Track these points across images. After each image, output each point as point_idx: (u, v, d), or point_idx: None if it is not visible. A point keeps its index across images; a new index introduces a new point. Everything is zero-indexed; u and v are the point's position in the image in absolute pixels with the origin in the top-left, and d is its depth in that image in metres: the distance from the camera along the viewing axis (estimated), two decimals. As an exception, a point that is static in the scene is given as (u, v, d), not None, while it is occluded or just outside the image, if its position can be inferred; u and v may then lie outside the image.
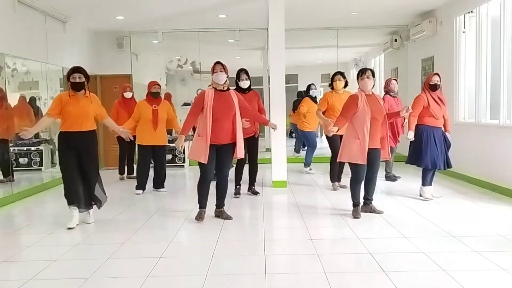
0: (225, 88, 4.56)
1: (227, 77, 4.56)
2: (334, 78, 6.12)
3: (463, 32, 6.88)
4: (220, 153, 4.52)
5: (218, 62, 4.55)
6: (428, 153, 5.26)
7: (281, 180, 6.46)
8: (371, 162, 4.64)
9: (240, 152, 4.55)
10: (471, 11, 6.63)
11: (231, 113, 4.49)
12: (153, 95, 6.13)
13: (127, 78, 8.79)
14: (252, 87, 5.75)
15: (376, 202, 5.35)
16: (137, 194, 6.18)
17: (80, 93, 4.44)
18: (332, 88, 6.15)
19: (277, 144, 6.49)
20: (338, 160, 4.86)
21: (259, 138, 6.07)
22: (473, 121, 6.54)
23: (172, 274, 3.28)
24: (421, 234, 4.05)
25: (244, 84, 5.59)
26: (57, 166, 7.67)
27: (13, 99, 6.53)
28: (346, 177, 5.50)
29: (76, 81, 4.40)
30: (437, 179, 6.94)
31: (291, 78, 11.34)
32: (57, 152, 4.75)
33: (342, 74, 6.16)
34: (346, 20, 8.56)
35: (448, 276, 3.03)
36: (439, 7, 7.49)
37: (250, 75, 5.68)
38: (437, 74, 5.31)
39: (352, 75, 12.34)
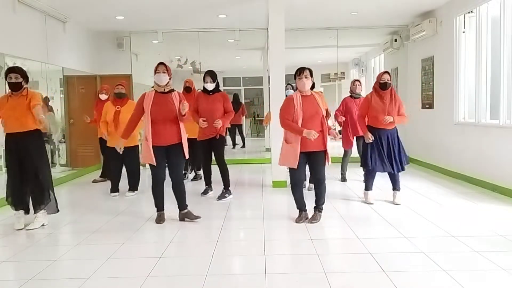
0: (166, 90, 4.49)
1: (170, 78, 4.49)
2: None
3: (463, 32, 6.88)
4: (169, 154, 4.50)
5: (161, 63, 4.50)
6: (368, 156, 5.12)
7: (281, 180, 6.46)
8: (313, 168, 4.49)
9: (185, 152, 4.50)
10: (471, 11, 6.63)
11: (171, 114, 4.43)
12: (117, 96, 6.06)
13: (127, 78, 8.78)
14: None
15: (376, 202, 5.36)
16: (114, 196, 6.07)
17: (18, 93, 4.34)
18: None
19: (277, 144, 6.48)
20: (278, 164, 4.67)
21: (260, 138, 6.09)
22: (473, 121, 6.54)
23: (172, 274, 3.28)
24: (421, 234, 4.05)
25: (208, 86, 5.66)
26: (57, 166, 7.78)
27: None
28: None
29: (12, 81, 4.30)
30: (437, 178, 6.96)
31: (291, 78, 11.35)
32: (56, 152, 4.75)
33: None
34: (346, 20, 8.56)
35: (448, 276, 3.03)
36: (439, 7, 7.49)
37: (217, 77, 5.75)
38: (387, 72, 5.15)
39: (352, 75, 12.36)
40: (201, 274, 3.17)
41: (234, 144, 11.75)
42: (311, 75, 4.42)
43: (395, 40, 9.22)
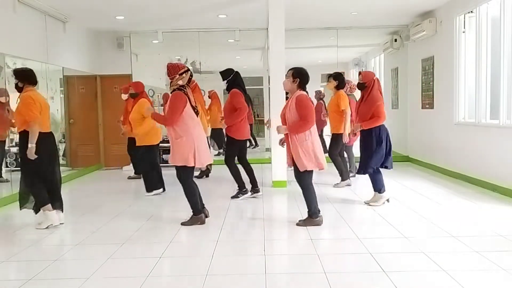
0: (170, 90, 4.56)
1: (172, 78, 4.54)
2: (329, 79, 6.35)
3: (463, 32, 6.88)
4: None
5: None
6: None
7: (281, 180, 6.46)
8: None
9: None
10: (471, 11, 6.62)
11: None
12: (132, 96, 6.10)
13: (127, 78, 8.78)
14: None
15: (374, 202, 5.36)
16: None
17: None
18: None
19: (277, 144, 6.47)
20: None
21: (260, 138, 6.08)
22: (473, 121, 6.54)
23: (172, 274, 3.28)
24: (421, 234, 4.05)
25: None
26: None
27: (13, 99, 6.54)
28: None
29: None
30: (437, 178, 6.96)
31: (291, 78, 11.36)
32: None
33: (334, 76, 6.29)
34: (346, 20, 8.56)
35: (448, 276, 3.03)
36: (439, 7, 7.49)
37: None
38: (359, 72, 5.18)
39: (352, 75, 12.37)
40: (201, 274, 3.17)
41: (250, 143, 11.29)
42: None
43: (395, 40, 9.22)
